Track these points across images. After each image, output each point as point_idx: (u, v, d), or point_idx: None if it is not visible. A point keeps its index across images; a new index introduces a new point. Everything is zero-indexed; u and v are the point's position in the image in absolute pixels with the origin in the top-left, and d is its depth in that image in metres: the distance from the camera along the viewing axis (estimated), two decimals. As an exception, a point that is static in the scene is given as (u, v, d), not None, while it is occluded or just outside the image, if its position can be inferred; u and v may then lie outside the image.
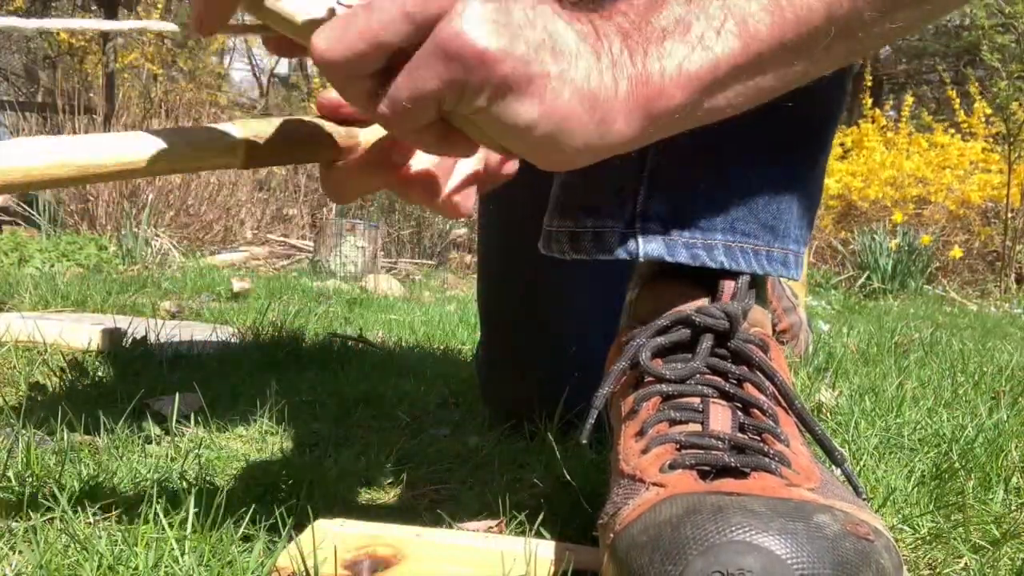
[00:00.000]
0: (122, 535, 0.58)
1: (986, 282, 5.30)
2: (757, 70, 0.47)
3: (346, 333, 1.69)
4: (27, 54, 9.42)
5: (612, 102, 0.44)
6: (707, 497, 0.44)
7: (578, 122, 0.43)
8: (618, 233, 0.60)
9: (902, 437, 0.93)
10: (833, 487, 0.49)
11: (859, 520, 0.43)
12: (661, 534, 0.42)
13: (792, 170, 0.62)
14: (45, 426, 0.78)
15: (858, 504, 0.48)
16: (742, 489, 0.45)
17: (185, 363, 1.24)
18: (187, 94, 7.14)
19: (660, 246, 0.59)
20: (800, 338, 1.51)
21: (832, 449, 0.54)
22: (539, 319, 0.92)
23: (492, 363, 0.99)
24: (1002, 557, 0.62)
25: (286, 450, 0.83)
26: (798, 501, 0.43)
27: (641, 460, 0.51)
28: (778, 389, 0.55)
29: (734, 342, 0.56)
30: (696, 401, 0.54)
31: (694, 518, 0.42)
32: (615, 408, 0.59)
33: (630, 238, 0.60)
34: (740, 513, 0.41)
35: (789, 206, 0.62)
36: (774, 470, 0.47)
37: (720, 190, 0.60)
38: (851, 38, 0.47)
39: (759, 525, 0.40)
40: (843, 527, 0.41)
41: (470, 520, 0.68)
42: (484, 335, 1.01)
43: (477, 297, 1.00)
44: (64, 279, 2.50)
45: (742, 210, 0.60)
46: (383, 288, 3.48)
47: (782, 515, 0.41)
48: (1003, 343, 2.04)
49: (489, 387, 1.01)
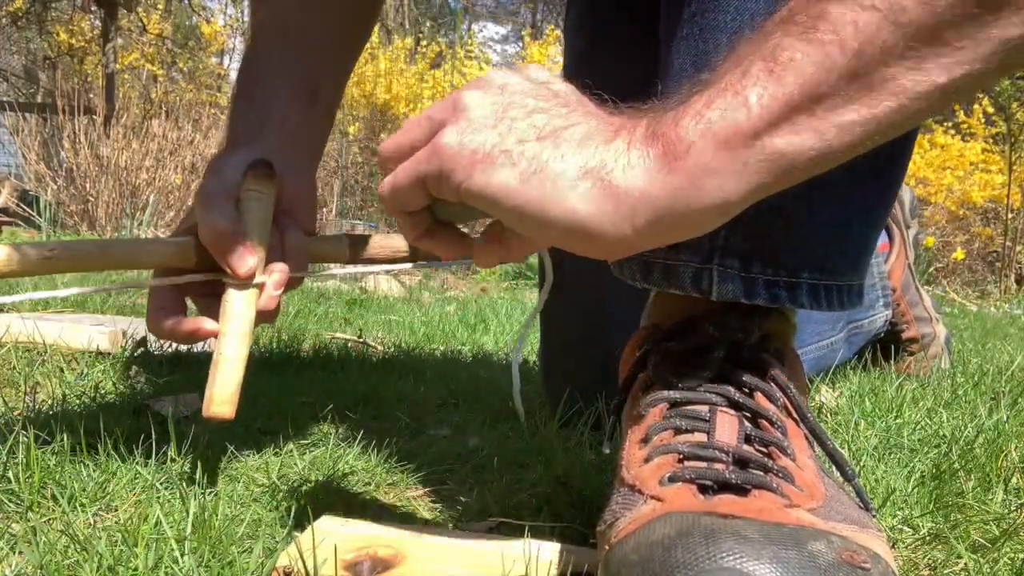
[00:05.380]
0: (122, 535, 0.57)
1: (986, 282, 5.30)
2: (813, 106, 0.40)
3: (346, 334, 1.69)
4: (27, 55, 9.43)
5: (614, 169, 0.43)
6: (701, 518, 0.43)
7: (551, 195, 0.45)
8: (692, 268, 0.57)
9: (902, 437, 0.93)
10: (838, 503, 0.48)
11: (856, 547, 0.42)
12: (652, 555, 0.42)
13: (880, 197, 0.59)
14: (45, 427, 0.78)
15: (861, 523, 0.47)
16: (739, 509, 0.44)
17: (185, 363, 1.24)
18: (187, 95, 7.15)
19: (738, 286, 0.57)
20: (930, 352, 1.46)
21: (843, 464, 0.53)
22: (600, 338, 0.92)
23: (549, 369, 1.04)
24: (1002, 557, 0.62)
25: (286, 450, 0.83)
26: (794, 527, 0.43)
27: (642, 470, 0.50)
28: (790, 401, 0.55)
29: (748, 351, 0.56)
30: (703, 409, 0.53)
31: (686, 541, 0.41)
32: (625, 411, 0.58)
33: (704, 274, 0.57)
34: (732, 538, 0.40)
35: (871, 236, 0.60)
36: (775, 488, 0.47)
37: (810, 224, 0.56)
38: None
39: (751, 552, 0.40)
40: (838, 555, 0.40)
41: (470, 520, 0.68)
42: (543, 338, 1.05)
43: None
44: (64, 280, 2.50)
45: (832, 246, 0.57)
46: (383, 289, 3.48)
47: (775, 542, 0.40)
48: (1003, 343, 2.04)
49: (549, 381, 1.04)
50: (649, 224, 0.43)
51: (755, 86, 0.40)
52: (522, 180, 0.45)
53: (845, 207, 0.58)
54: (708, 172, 0.41)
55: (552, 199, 0.44)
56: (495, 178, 0.46)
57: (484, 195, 0.46)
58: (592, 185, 0.43)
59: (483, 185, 0.46)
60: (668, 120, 0.42)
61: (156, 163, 4.72)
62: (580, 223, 0.44)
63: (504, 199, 0.46)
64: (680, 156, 0.41)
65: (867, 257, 0.61)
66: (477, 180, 0.46)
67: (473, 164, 0.46)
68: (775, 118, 0.40)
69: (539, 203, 0.45)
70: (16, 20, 8.26)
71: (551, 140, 0.45)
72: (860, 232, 0.59)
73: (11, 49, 9.36)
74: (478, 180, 0.46)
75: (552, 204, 0.44)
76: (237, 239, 0.67)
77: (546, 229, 0.45)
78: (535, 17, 13.76)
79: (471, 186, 0.46)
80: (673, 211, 0.42)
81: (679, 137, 0.41)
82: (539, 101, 0.48)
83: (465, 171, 0.46)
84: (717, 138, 0.40)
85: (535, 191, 0.45)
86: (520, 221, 0.46)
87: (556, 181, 0.44)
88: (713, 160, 0.41)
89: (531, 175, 0.45)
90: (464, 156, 0.46)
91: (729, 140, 0.40)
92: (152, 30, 8.26)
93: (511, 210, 0.46)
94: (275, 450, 0.83)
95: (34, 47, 9.15)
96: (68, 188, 4.66)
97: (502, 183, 0.45)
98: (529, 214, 0.45)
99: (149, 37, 8.27)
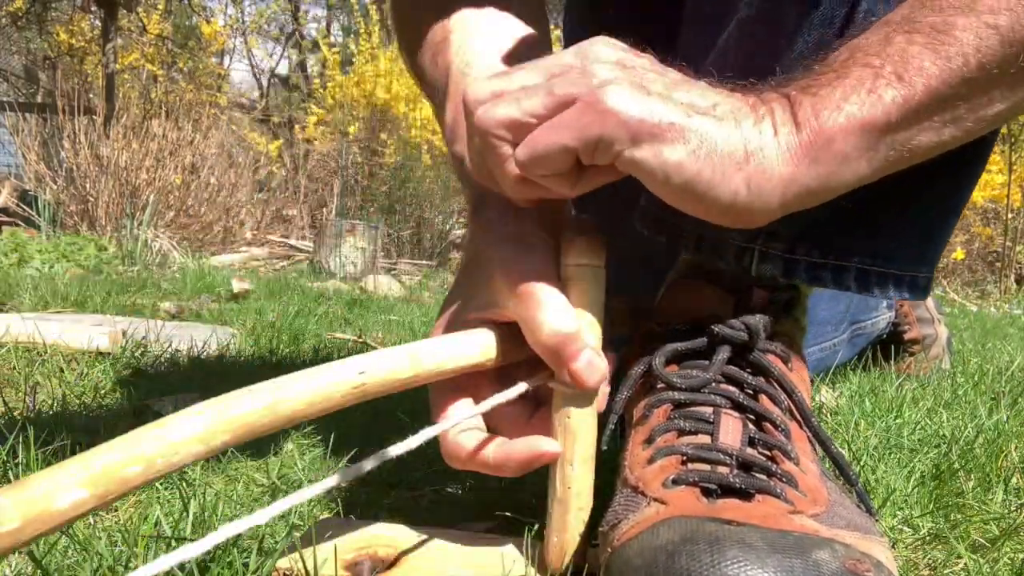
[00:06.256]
0: (122, 535, 0.57)
1: (986, 282, 5.30)
2: (937, 109, 0.46)
3: (346, 334, 1.69)
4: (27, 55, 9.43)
5: (767, 150, 0.46)
6: (705, 524, 0.43)
7: (720, 175, 0.46)
8: (735, 246, 0.57)
9: (902, 437, 0.92)
10: (841, 508, 0.48)
11: (860, 555, 0.42)
12: (656, 560, 0.42)
13: (957, 184, 0.58)
14: (45, 427, 0.78)
15: (864, 529, 0.47)
16: (743, 515, 0.44)
17: (185, 364, 1.24)
18: (187, 95, 7.15)
19: (778, 265, 0.56)
20: (931, 353, 1.46)
21: (846, 469, 0.53)
22: None
23: None
24: (1002, 557, 0.62)
25: (285, 451, 0.83)
26: (798, 534, 0.43)
27: (645, 471, 0.50)
28: (795, 404, 0.55)
29: (753, 353, 0.56)
30: (707, 411, 0.53)
31: (690, 548, 0.41)
32: (628, 411, 0.58)
33: (746, 252, 0.57)
34: (737, 546, 0.40)
35: (944, 223, 0.59)
36: (779, 493, 0.47)
37: (869, 206, 0.54)
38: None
39: (755, 560, 0.40)
40: (842, 564, 0.41)
41: (470, 520, 0.68)
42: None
43: None
44: (64, 280, 2.50)
45: (890, 230, 0.56)
46: (383, 289, 3.48)
47: (779, 550, 0.40)
48: (1003, 344, 2.04)
49: None
50: (794, 201, 0.47)
51: (889, 87, 0.45)
52: (694, 158, 0.45)
53: (910, 192, 0.56)
54: (847, 159, 0.46)
55: (720, 180, 0.46)
56: (667, 153, 0.45)
57: (651, 168, 0.46)
58: (754, 167, 0.46)
59: (650, 157, 0.45)
60: (807, 108, 0.46)
61: (156, 163, 4.72)
62: (741, 203, 0.46)
63: (675, 175, 0.46)
64: (824, 146, 0.46)
65: (934, 245, 0.59)
66: (645, 152, 0.45)
67: (641, 134, 0.45)
68: (904, 117, 0.45)
69: (708, 183, 0.46)
70: (16, 20, 8.26)
71: (711, 117, 0.46)
72: (924, 219, 0.58)
73: (11, 49, 9.36)
74: (646, 152, 0.45)
75: (720, 185, 0.46)
76: (580, 340, 0.50)
77: (705, 205, 0.47)
78: (535, 17, 13.79)
79: (636, 156, 0.46)
80: (815, 191, 0.47)
81: (822, 128, 0.46)
82: (665, 74, 0.48)
83: (634, 140, 0.45)
84: (856, 130, 0.45)
85: (707, 171, 0.45)
86: (679, 195, 0.46)
87: (724, 162, 0.45)
88: (852, 149, 0.46)
89: (703, 154, 0.45)
90: (631, 124, 0.45)
91: (866, 132, 0.46)
92: (152, 30, 8.27)
93: (676, 185, 0.46)
94: (275, 450, 0.83)
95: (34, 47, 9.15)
96: (68, 188, 4.66)
97: (676, 159, 0.45)
98: (693, 191, 0.46)
99: (149, 37, 8.27)
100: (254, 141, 7.51)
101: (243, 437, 0.41)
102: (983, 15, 0.44)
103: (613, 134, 0.45)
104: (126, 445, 0.38)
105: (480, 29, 0.69)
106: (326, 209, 6.16)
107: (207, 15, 9.48)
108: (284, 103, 10.50)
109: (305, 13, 11.10)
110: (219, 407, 0.41)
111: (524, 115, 0.48)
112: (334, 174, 6.38)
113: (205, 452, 0.40)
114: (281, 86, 11.24)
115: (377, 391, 0.47)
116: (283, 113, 9.40)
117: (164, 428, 0.39)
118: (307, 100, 9.21)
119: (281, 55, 11.46)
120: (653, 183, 0.47)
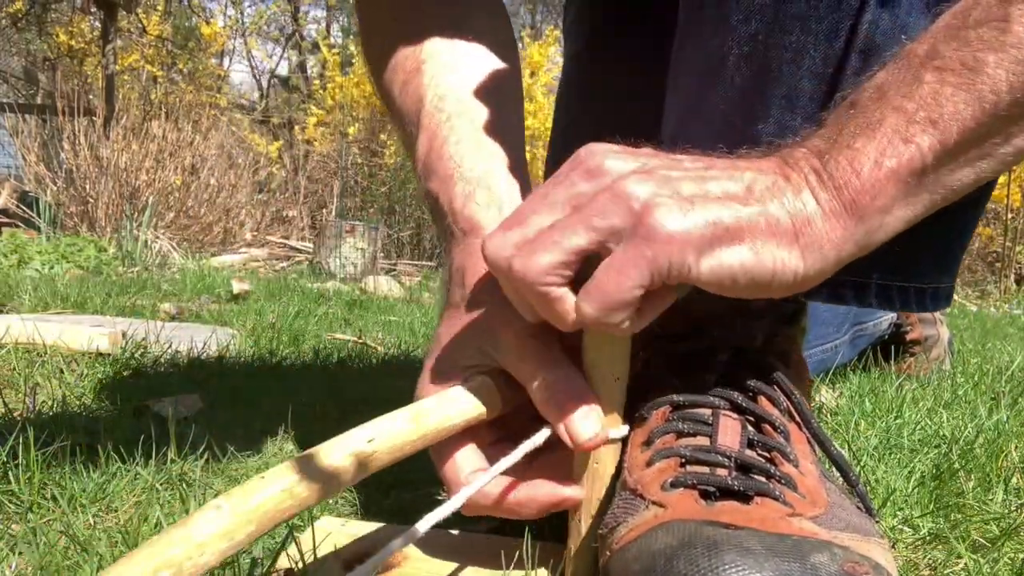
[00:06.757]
0: (122, 536, 0.57)
1: (986, 283, 5.30)
2: (972, 147, 0.46)
3: (346, 334, 1.69)
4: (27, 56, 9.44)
5: (814, 219, 0.46)
6: (704, 528, 0.43)
7: (781, 261, 0.45)
8: None
9: (902, 438, 0.93)
10: (840, 510, 0.48)
11: (858, 558, 0.42)
12: (655, 565, 0.42)
13: (976, 199, 0.57)
14: (45, 428, 0.78)
15: (864, 531, 0.47)
16: (742, 518, 0.44)
17: (185, 365, 1.24)
18: (187, 96, 7.16)
19: None
20: (932, 354, 1.46)
21: (847, 470, 0.53)
22: None
23: None
24: (1002, 557, 0.62)
25: (286, 451, 0.83)
26: (797, 538, 0.43)
27: (644, 474, 0.50)
28: (795, 406, 0.55)
29: (753, 355, 0.56)
30: (707, 413, 0.53)
31: (688, 552, 0.41)
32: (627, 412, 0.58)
33: None
34: (735, 551, 0.40)
35: (963, 232, 0.59)
36: (778, 496, 0.47)
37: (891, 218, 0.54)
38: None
39: (753, 565, 0.40)
40: (840, 567, 0.41)
41: (470, 521, 0.68)
42: None
43: None
44: (64, 281, 2.50)
45: (909, 244, 0.54)
46: (383, 289, 3.48)
47: (778, 555, 0.40)
48: (1003, 344, 2.04)
49: None
50: (846, 259, 0.47)
51: (924, 134, 0.45)
52: (754, 253, 0.45)
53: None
54: (891, 211, 0.46)
55: (781, 267, 0.46)
56: (731, 257, 0.45)
57: (720, 277, 0.45)
58: (806, 242, 0.46)
59: (717, 266, 0.45)
60: (844, 166, 0.46)
61: (156, 164, 4.72)
62: (800, 278, 0.46)
63: (741, 275, 0.45)
64: (868, 204, 0.46)
65: (954, 255, 0.60)
66: (712, 261, 0.45)
67: (703, 246, 0.45)
68: (941, 160, 0.46)
69: (771, 272, 0.45)
70: (16, 21, 8.27)
71: (754, 204, 0.46)
72: (944, 230, 0.58)
73: (11, 50, 9.36)
74: (712, 261, 0.45)
75: (781, 271, 0.46)
76: (581, 394, 0.51)
77: (770, 290, 0.46)
78: (534, 18, 13.78)
79: (703, 269, 0.45)
80: (865, 244, 0.47)
81: (864, 186, 0.46)
82: (683, 166, 0.47)
83: (699, 255, 0.45)
84: (896, 182, 0.46)
85: (767, 261, 0.45)
86: (747, 290, 0.46)
87: (780, 248, 0.45)
88: (894, 202, 0.46)
89: (760, 246, 0.45)
90: (693, 242, 0.44)
91: (907, 182, 0.46)
92: (152, 31, 8.27)
93: (744, 284, 0.46)
94: (275, 450, 0.83)
95: (34, 49, 9.15)
96: (68, 189, 4.67)
97: (739, 261, 0.45)
98: (758, 284, 0.46)
99: (149, 38, 8.28)
100: (254, 142, 7.51)
101: (267, 526, 0.42)
102: (1011, 49, 0.43)
103: (683, 258, 0.44)
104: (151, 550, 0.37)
105: (454, 63, 0.69)
106: (326, 210, 6.17)
107: (207, 16, 9.49)
108: (284, 104, 10.51)
109: (305, 14, 11.10)
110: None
111: (569, 255, 0.46)
112: (334, 175, 6.38)
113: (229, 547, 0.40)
114: (281, 87, 11.24)
115: (387, 459, 0.48)
116: (283, 114, 9.41)
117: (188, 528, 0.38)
118: (307, 101, 9.21)
119: (281, 56, 11.47)
120: (721, 288, 0.46)
